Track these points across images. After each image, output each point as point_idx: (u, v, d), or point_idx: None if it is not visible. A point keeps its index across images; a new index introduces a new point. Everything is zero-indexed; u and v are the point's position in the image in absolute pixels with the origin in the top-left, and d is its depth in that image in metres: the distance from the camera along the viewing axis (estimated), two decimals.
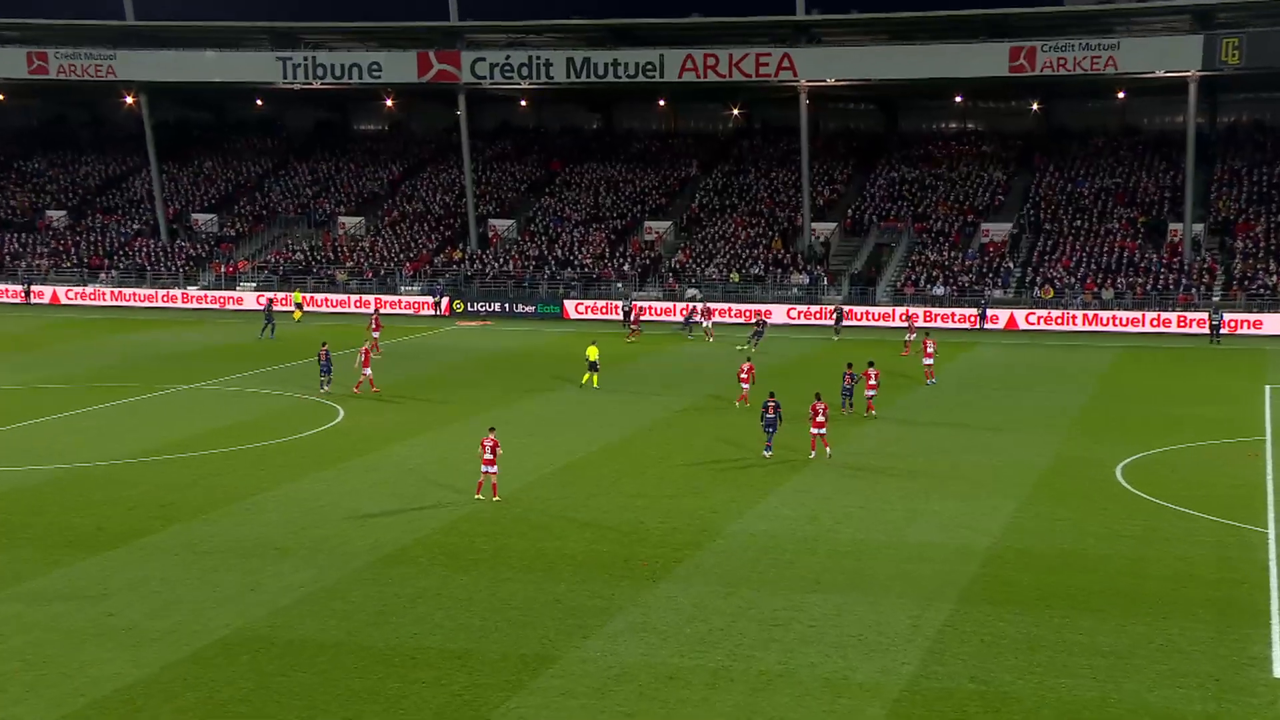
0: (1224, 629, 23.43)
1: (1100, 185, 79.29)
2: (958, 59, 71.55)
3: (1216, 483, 34.30)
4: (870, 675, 21.48)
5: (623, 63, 76.16)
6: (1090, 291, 69.30)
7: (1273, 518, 30.71)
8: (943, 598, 25.18)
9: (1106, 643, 22.81)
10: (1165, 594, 25.44)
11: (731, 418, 43.93)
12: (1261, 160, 78.51)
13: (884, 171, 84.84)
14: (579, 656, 22.30)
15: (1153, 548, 28.59)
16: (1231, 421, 42.31)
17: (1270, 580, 26.16)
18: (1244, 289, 67.30)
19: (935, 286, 72.32)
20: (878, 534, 29.77)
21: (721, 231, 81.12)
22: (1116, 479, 34.73)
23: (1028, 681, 21.21)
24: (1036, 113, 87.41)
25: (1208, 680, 21.18)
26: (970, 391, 49.20)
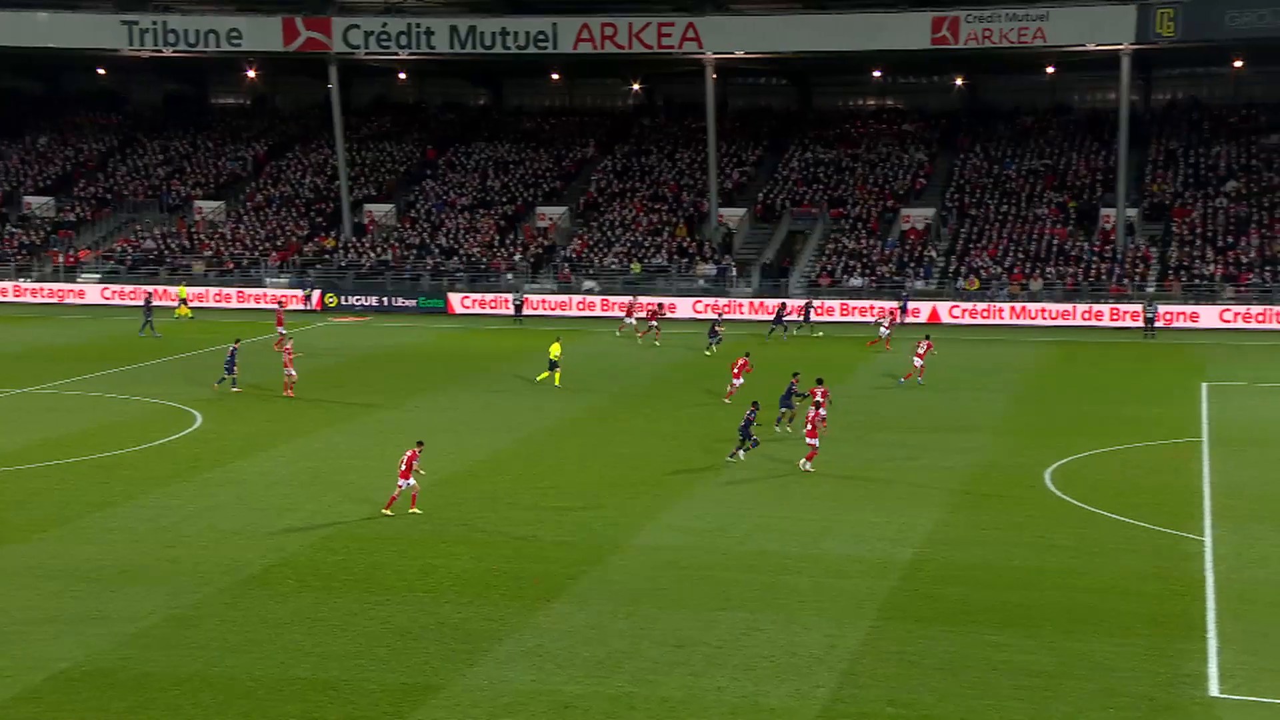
0: (1159, 645, 24.02)
1: (1028, 167, 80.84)
2: (876, 30, 72.41)
3: (1151, 487, 35.13)
4: (782, 700, 21.67)
5: (512, 32, 75.92)
6: (1018, 283, 70.61)
7: (1210, 525, 31.54)
8: (861, 614, 25.50)
9: (1035, 662, 23.26)
10: (1097, 608, 26.00)
11: (638, 422, 44.04)
12: (1198, 140, 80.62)
13: (797, 153, 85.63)
14: (465, 685, 22.21)
15: (1084, 558, 29.21)
16: (1166, 422, 43.38)
17: (1207, 592, 26.86)
18: (1180, 279, 69.05)
19: (852, 277, 73.16)
20: (792, 546, 30.04)
21: (621, 218, 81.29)
22: (1046, 485, 35.42)
23: (951, 704, 21.55)
24: (961, 89, 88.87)
25: (1141, 700, 21.69)
26: (890, 391, 49.85)
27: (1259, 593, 26.79)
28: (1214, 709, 21.43)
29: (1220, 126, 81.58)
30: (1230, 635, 24.36)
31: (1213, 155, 79.00)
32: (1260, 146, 78.74)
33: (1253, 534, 30.78)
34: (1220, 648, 23.78)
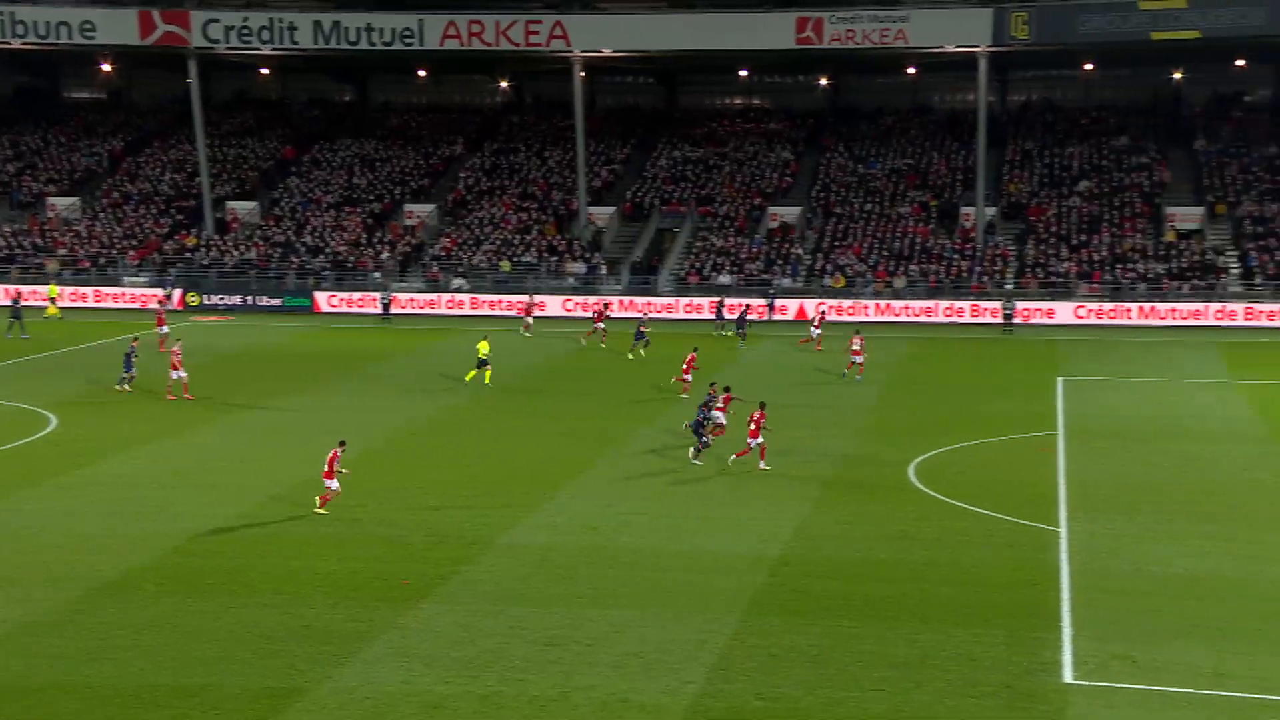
0: (1016, 634, 24.67)
1: (891, 166, 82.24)
2: (742, 30, 73.10)
3: (1010, 481, 36.00)
4: (652, 696, 21.85)
5: (377, 28, 75.16)
6: (882, 280, 71.81)
7: (1064, 516, 32.44)
8: (730, 610, 25.79)
9: (898, 653, 23.75)
10: (958, 599, 26.62)
11: (509, 420, 43.95)
12: (1052, 141, 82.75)
13: (665, 151, 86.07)
14: (332, 688, 22.02)
15: (946, 550, 29.87)
16: (1024, 416, 44.47)
17: (1062, 582, 27.65)
18: (1036, 276, 70.81)
19: (721, 275, 73.79)
20: (662, 543, 30.26)
21: (490, 216, 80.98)
22: (909, 479, 36.13)
23: (816, 696, 21.92)
24: (825, 89, 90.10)
25: (999, 688, 22.28)
26: (759, 388, 50.32)
27: (1111, 582, 27.64)
28: (1068, 695, 22.09)
29: (1073, 128, 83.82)
30: (1084, 623, 25.12)
31: (1066, 156, 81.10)
32: (1110, 148, 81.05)
33: (1105, 524, 31.71)
34: (1074, 635, 24.52)
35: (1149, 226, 74.17)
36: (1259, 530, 31.23)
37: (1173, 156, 79.98)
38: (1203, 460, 38.14)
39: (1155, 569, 28.48)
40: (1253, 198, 74.67)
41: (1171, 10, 67.87)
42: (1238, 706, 21.64)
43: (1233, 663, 23.28)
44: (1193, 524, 31.68)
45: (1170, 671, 22.89)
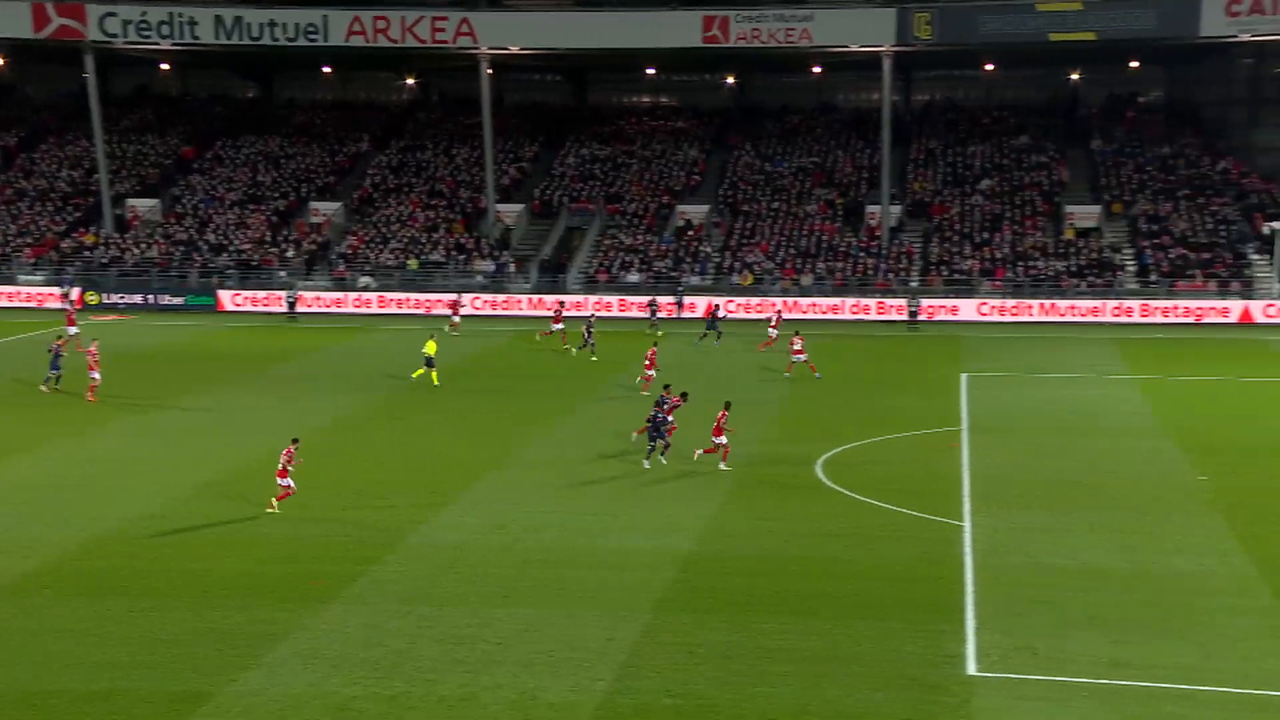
0: (922, 627, 24.99)
1: (798, 164, 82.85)
2: (649, 28, 73.26)
3: (915, 476, 36.44)
4: (561, 695, 21.85)
5: (280, 24, 74.28)
6: (790, 278, 72.34)
7: (969, 510, 32.91)
8: (640, 607, 25.85)
9: (807, 647, 23.96)
10: (866, 594, 26.91)
11: (419, 419, 43.70)
12: (955, 140, 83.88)
13: (574, 149, 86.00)
14: (237, 691, 21.77)
15: (853, 546, 30.16)
16: (929, 412, 45.03)
17: (966, 575, 28.05)
18: (941, 274, 71.74)
19: (629, 273, 73.90)
20: (572, 541, 30.26)
21: (398, 214, 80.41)
22: (817, 475, 36.43)
23: (726, 692, 22.04)
24: (732, 87, 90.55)
25: (905, 681, 22.56)
26: (673, 384, 50.43)
27: (1013, 575, 28.08)
28: (972, 686, 22.43)
29: (975, 127, 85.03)
30: (987, 616, 25.51)
31: (968, 155, 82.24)
32: (1011, 147, 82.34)
33: (1008, 518, 32.21)
34: (978, 628, 24.89)
35: (1049, 224, 75.45)
36: (1154, 522, 31.89)
37: (1071, 156, 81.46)
38: (1102, 454, 38.86)
39: (1056, 561, 28.99)
40: (1147, 197, 76.23)
41: (1068, 12, 69.22)
42: (1135, 695, 22.10)
43: (1130, 652, 23.77)
44: (1092, 516, 32.26)
45: (1070, 662, 23.32)
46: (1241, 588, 27.29)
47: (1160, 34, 69.78)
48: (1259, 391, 48.80)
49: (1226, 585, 27.45)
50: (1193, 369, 53.63)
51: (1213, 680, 22.62)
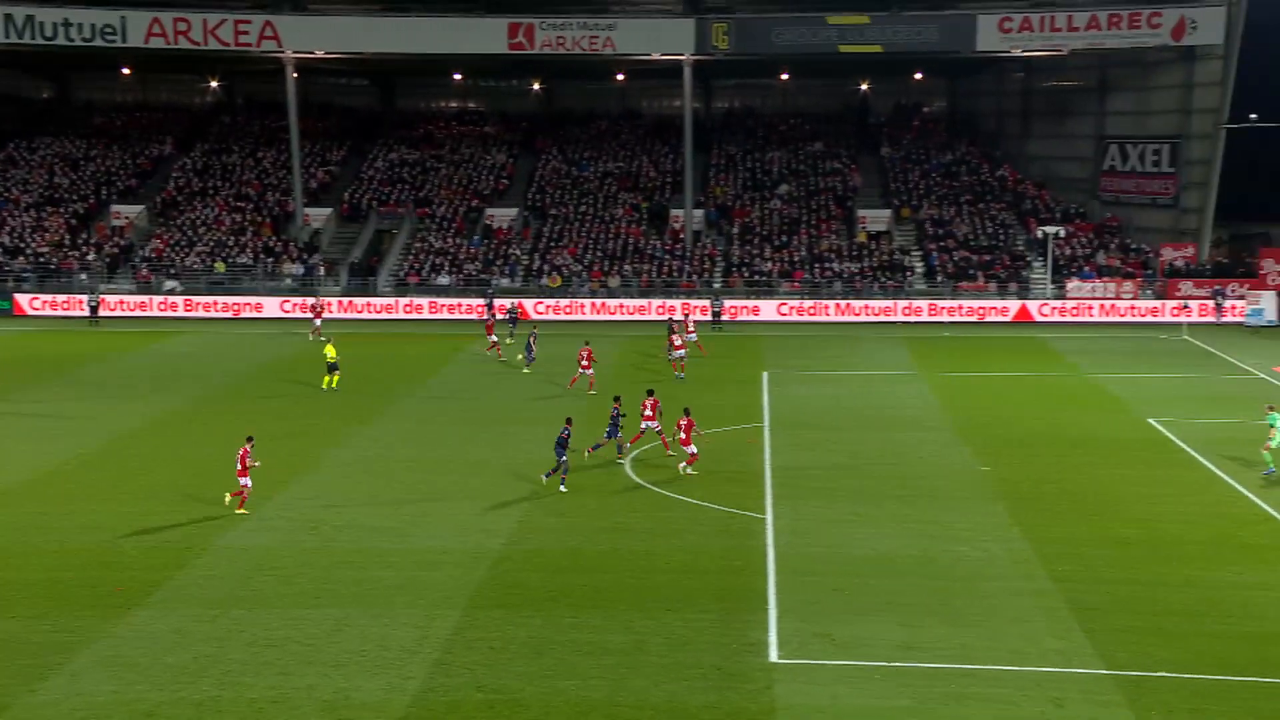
0: (726, 617, 25.35)
1: (604, 169, 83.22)
2: (455, 34, 72.78)
3: (719, 471, 36.87)
4: (373, 694, 21.55)
5: (75, 24, 71.58)
6: (597, 279, 72.60)
7: (770, 503, 33.48)
8: (451, 605, 25.66)
9: (615, 641, 24.08)
10: (673, 586, 27.17)
11: (227, 422, 42.54)
12: (753, 146, 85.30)
13: (382, 153, 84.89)
14: (36, 701, 20.94)
15: (660, 540, 30.43)
16: (733, 409, 45.63)
17: (768, 566, 28.54)
18: (742, 275, 72.81)
19: (440, 275, 73.27)
20: (384, 541, 29.88)
21: (203, 217, 78.24)
22: (626, 472, 36.62)
23: (537, 686, 22.02)
24: (539, 93, 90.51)
25: (710, 670, 22.85)
26: (482, 386, 50.25)
27: (812, 565, 28.67)
28: (773, 673, 22.84)
29: (772, 134, 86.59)
30: (787, 605, 26.00)
31: (767, 160, 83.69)
32: (806, 153, 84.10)
33: (808, 510, 32.87)
34: (779, 616, 25.36)
35: (843, 228, 77.22)
36: (942, 511, 32.88)
37: (863, 162, 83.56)
38: (894, 448, 39.88)
39: (852, 550, 29.68)
40: (933, 201, 78.63)
41: (856, 25, 71.16)
42: (924, 675, 22.78)
43: (920, 635, 24.48)
44: (885, 507, 33.11)
45: (866, 646, 23.92)
46: (1021, 572, 28.33)
47: (940, 48, 72.36)
48: (1036, 386, 50.71)
49: (1007, 570, 28.47)
50: (976, 365, 55.46)
51: (994, 659, 23.44)
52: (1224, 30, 69.34)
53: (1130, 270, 70.71)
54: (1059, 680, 22.61)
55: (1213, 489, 34.98)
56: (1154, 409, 44.73)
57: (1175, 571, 28.29)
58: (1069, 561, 28.88)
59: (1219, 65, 70.62)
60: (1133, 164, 77.18)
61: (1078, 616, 25.47)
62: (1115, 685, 22.38)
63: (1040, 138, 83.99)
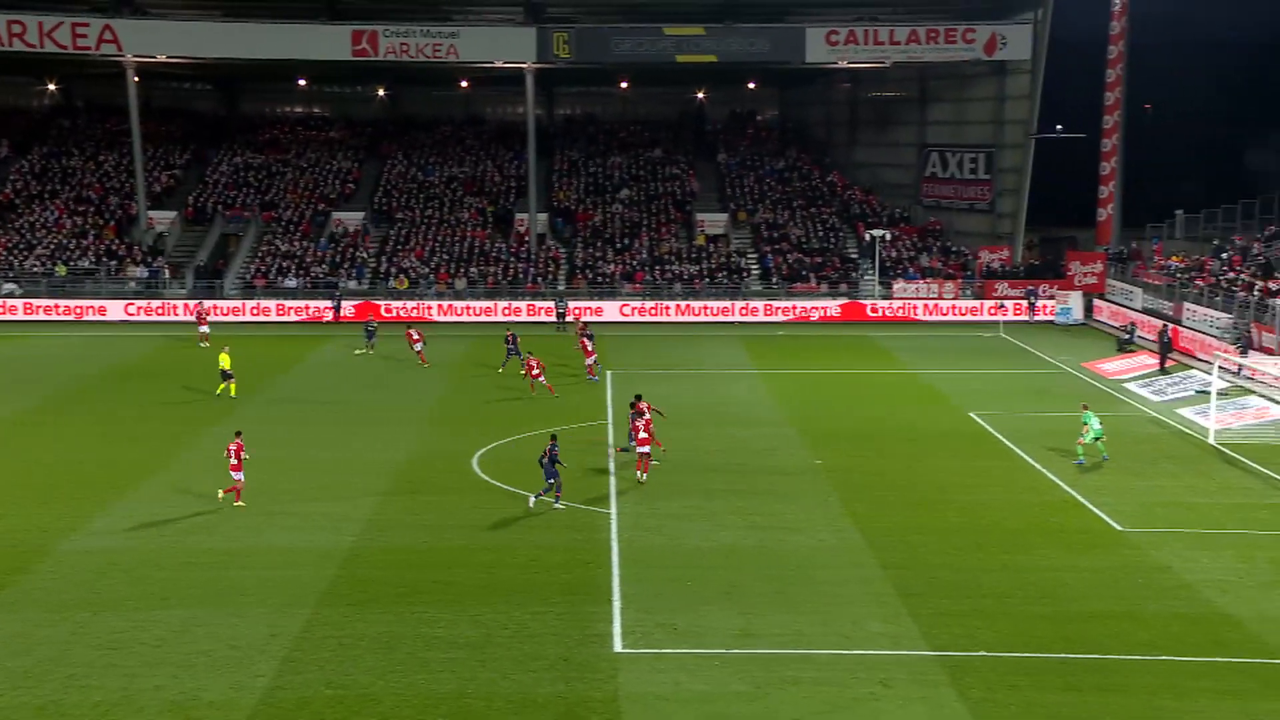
0: (572, 610, 25.43)
1: (449, 174, 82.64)
2: (298, 40, 71.49)
3: (566, 468, 36.89)
4: (222, 693, 21.13)
5: None
6: (444, 282, 72.05)
7: (615, 498, 33.65)
8: (301, 603, 25.27)
9: (464, 635, 23.99)
10: (521, 581, 27.15)
11: (75, 424, 41.22)
12: (595, 152, 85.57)
13: (227, 157, 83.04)
14: None
15: (509, 536, 30.38)
16: (578, 407, 45.69)
17: (612, 559, 28.70)
18: (586, 277, 72.94)
19: (287, 279, 71.95)
20: (233, 541, 29.30)
21: (42, 219, 75.58)
22: (473, 470, 36.46)
23: (387, 681, 21.82)
24: (384, 99, 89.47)
25: (557, 661, 22.91)
26: (327, 387, 49.51)
27: (654, 557, 28.91)
28: (618, 663, 22.99)
29: (613, 140, 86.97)
30: (631, 596, 26.18)
31: (608, 166, 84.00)
32: (646, 159, 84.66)
33: (650, 504, 33.11)
34: (623, 608, 25.53)
35: (682, 231, 77.88)
36: (778, 503, 33.41)
37: (700, 168, 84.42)
38: (732, 443, 40.40)
39: (693, 542, 30.01)
40: (767, 206, 79.80)
41: (692, 36, 71.91)
42: (761, 661, 23.15)
43: (758, 623, 24.87)
44: (725, 500, 33.52)
45: (707, 635, 24.21)
46: (853, 560, 28.96)
47: (772, 58, 73.55)
48: (866, 382, 51.81)
49: (840, 558, 29.07)
50: (809, 363, 56.43)
51: (827, 644, 23.94)
52: (1031, 46, 71.76)
53: (951, 272, 72.68)
54: (887, 662, 23.17)
55: (1027, 478, 36.18)
56: (974, 403, 46.07)
57: (993, 557, 29.20)
58: (897, 549, 29.61)
59: (1027, 79, 73.04)
60: (952, 171, 79.43)
61: (904, 601, 26.14)
62: (939, 665, 23.03)
63: (866, 145, 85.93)
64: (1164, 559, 29.06)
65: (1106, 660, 23.30)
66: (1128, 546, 30.09)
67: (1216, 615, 25.62)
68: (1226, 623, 25.20)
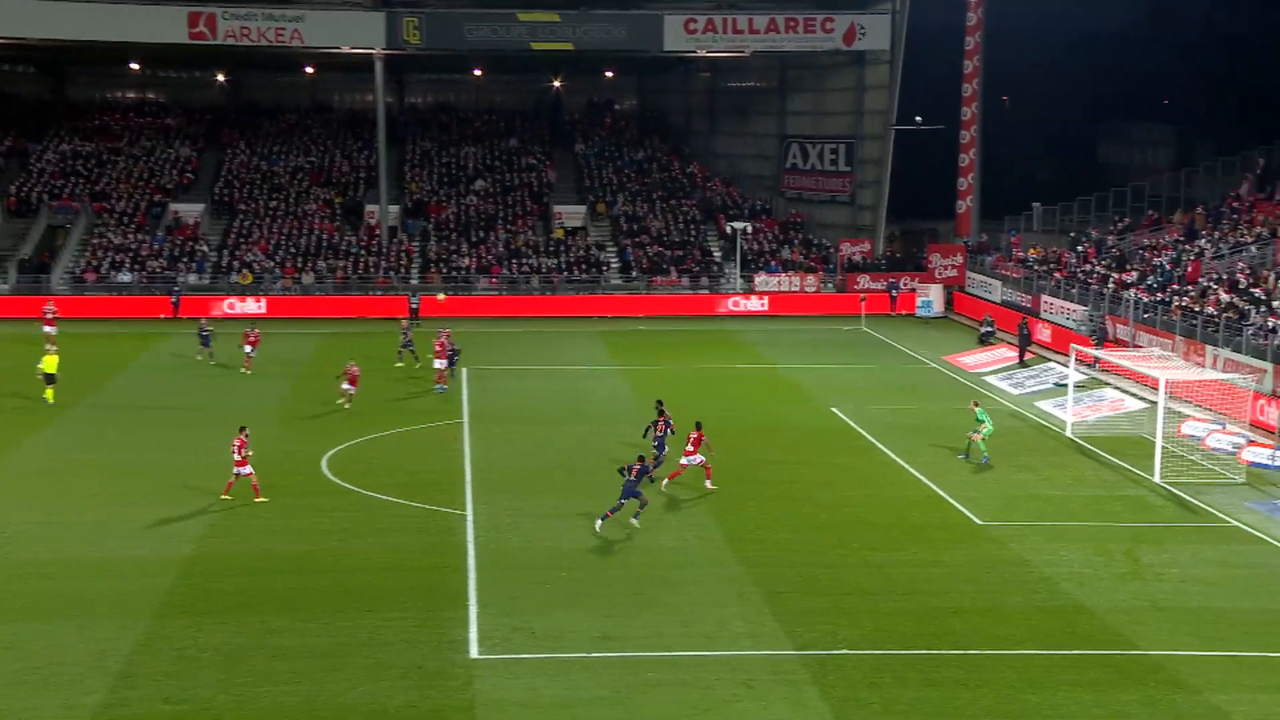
0: (427, 615, 25.21)
1: (295, 164, 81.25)
2: (131, 21, 69.46)
3: (420, 468, 36.65)
4: (52, 712, 20.52)
5: None
6: (290, 276, 70.83)
7: (471, 499, 33.46)
8: (136, 615, 24.65)
9: (313, 644, 23.62)
10: (373, 587, 26.83)
11: None
12: (448, 141, 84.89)
13: (53, 144, 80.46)
14: None
15: (360, 540, 30.02)
16: (432, 405, 45.29)
17: (469, 562, 28.54)
18: (440, 271, 72.35)
19: (121, 273, 70.04)
20: (63, 550, 28.50)
21: None
22: (323, 472, 35.92)
23: (229, 694, 21.38)
24: (224, 85, 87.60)
25: (410, 670, 22.69)
26: (164, 388, 48.32)
27: (512, 559, 28.83)
28: (474, 669, 22.87)
29: (467, 130, 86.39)
30: (488, 600, 26.06)
31: (462, 156, 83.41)
32: (502, 149, 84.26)
33: (507, 505, 33.01)
34: (480, 613, 25.40)
35: (539, 223, 77.72)
36: None
37: (558, 158, 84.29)
38: (591, 441, 40.43)
39: (552, 544, 29.98)
40: (626, 197, 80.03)
41: (547, 23, 71.82)
42: (623, 665, 23.22)
43: (619, 625, 24.94)
44: (584, 500, 33.48)
45: (565, 638, 24.20)
46: (715, 558, 29.21)
47: (629, 46, 73.84)
48: (728, 377, 52.31)
49: (702, 557, 29.30)
50: (670, 358, 56.77)
51: (690, 645, 24.11)
52: (890, 36, 73.16)
53: (813, 265, 73.74)
54: (750, 663, 23.41)
55: (890, 473, 36.89)
56: (835, 398, 46.80)
57: (856, 553, 29.71)
58: (759, 547, 29.94)
59: (886, 69, 74.45)
60: (813, 162, 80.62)
61: (767, 600, 26.44)
62: (802, 664, 23.34)
63: (727, 136, 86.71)
64: (1024, 552, 29.87)
65: (968, 655, 23.86)
66: (988, 541, 30.86)
67: (1074, 607, 26.41)
68: (1083, 615, 26.00)
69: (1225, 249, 55.17)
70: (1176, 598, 27.10)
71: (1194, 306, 50.54)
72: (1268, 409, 41.44)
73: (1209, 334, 48.10)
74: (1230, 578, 28.46)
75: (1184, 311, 50.62)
